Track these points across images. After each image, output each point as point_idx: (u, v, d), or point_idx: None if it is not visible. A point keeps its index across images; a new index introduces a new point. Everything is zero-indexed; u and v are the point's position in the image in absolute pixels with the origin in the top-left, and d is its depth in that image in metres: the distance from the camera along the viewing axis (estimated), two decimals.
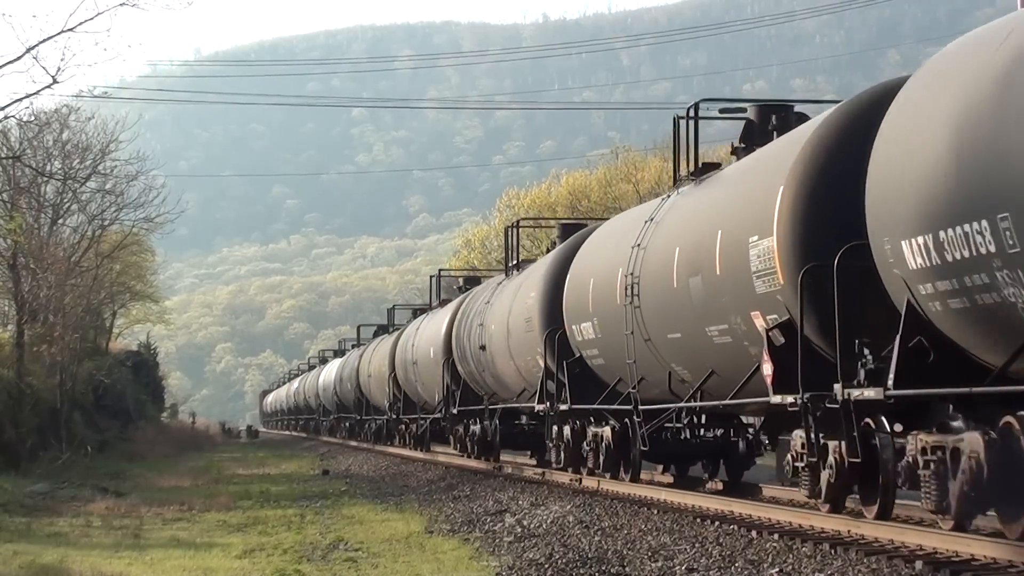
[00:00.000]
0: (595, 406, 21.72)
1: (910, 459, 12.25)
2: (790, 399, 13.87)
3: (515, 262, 29.94)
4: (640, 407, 19.49)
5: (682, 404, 18.16)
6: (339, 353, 69.76)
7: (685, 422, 19.39)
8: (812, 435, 13.75)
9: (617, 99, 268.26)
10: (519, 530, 16.47)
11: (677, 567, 12.18)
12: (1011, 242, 9.82)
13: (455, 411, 33.17)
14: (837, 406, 12.99)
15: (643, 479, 21.01)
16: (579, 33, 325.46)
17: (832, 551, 12.13)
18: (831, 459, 13.56)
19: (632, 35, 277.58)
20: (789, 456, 14.66)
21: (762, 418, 16.93)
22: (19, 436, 32.21)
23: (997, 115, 10.10)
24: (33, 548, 15.80)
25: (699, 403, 17.53)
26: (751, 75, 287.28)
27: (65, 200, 40.14)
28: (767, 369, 14.30)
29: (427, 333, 37.83)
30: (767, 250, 14.19)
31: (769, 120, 17.29)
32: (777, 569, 11.58)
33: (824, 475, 13.81)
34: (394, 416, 44.67)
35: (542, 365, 24.30)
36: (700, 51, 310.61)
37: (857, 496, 13.77)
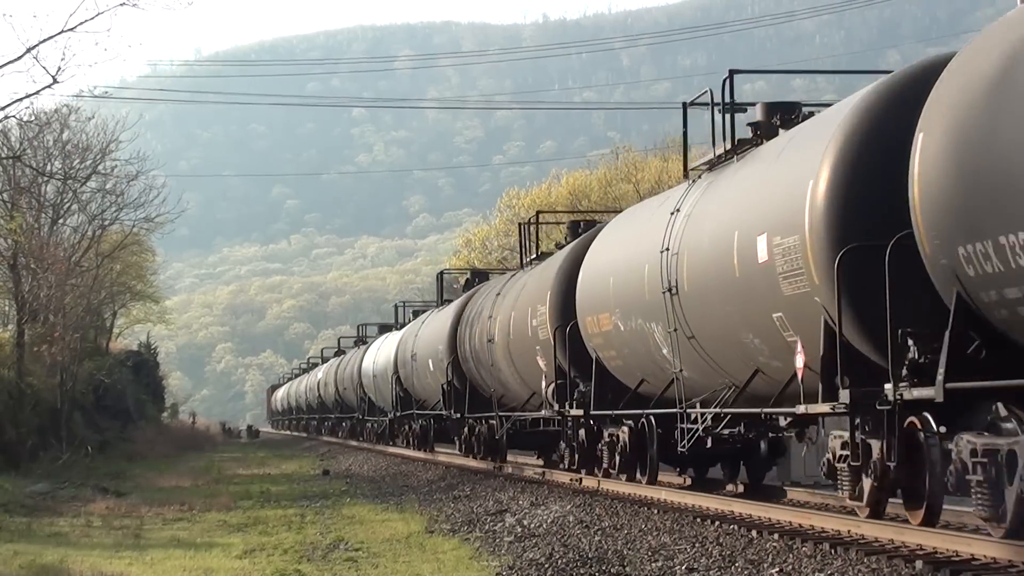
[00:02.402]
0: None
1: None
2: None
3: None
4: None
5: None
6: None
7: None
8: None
9: (617, 99, 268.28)
10: (519, 530, 16.48)
11: (677, 567, 12.19)
12: None
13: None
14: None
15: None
16: (579, 33, 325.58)
17: (832, 551, 12.13)
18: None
19: (632, 35, 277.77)
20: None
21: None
22: (19, 436, 32.23)
23: None
24: (33, 548, 15.81)
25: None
26: (751, 75, 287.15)
27: (65, 200, 40.16)
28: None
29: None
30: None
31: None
32: (777, 569, 11.58)
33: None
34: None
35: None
36: (700, 51, 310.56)
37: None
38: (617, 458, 20.73)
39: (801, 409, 13.78)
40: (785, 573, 11.42)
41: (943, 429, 11.74)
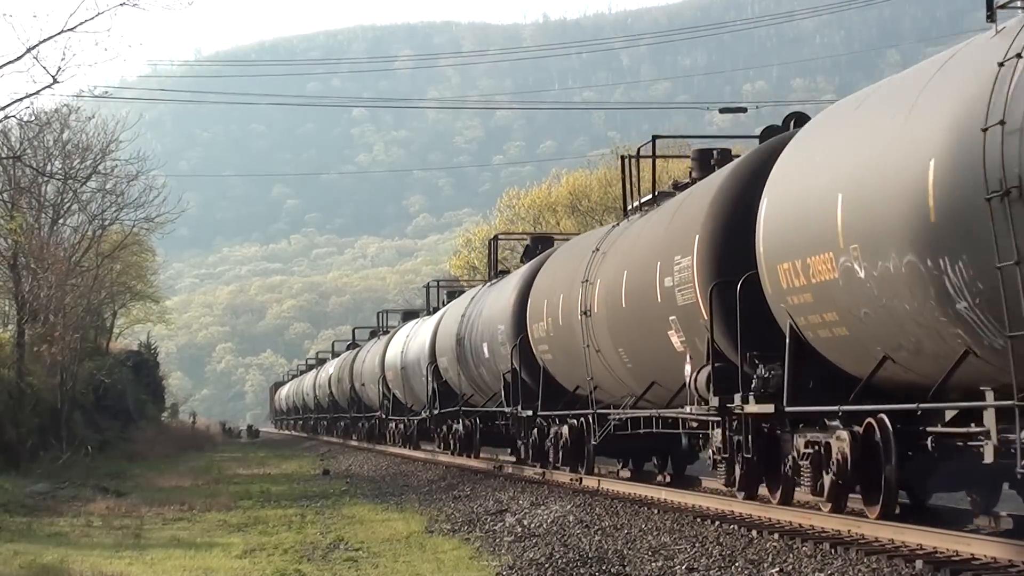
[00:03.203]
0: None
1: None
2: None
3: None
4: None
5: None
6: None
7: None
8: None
9: (617, 99, 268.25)
10: (519, 530, 16.48)
11: (677, 567, 12.19)
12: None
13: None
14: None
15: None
16: (579, 33, 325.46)
17: (832, 551, 12.14)
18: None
19: (632, 35, 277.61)
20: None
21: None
22: (20, 436, 32.23)
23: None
24: (33, 548, 15.81)
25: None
26: (751, 75, 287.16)
27: (65, 200, 40.15)
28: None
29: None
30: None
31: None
32: (777, 569, 11.59)
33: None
34: (384, 415, 46.00)
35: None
36: (700, 51, 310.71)
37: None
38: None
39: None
40: (785, 573, 11.42)
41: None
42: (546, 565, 12.97)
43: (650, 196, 21.13)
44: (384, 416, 45.66)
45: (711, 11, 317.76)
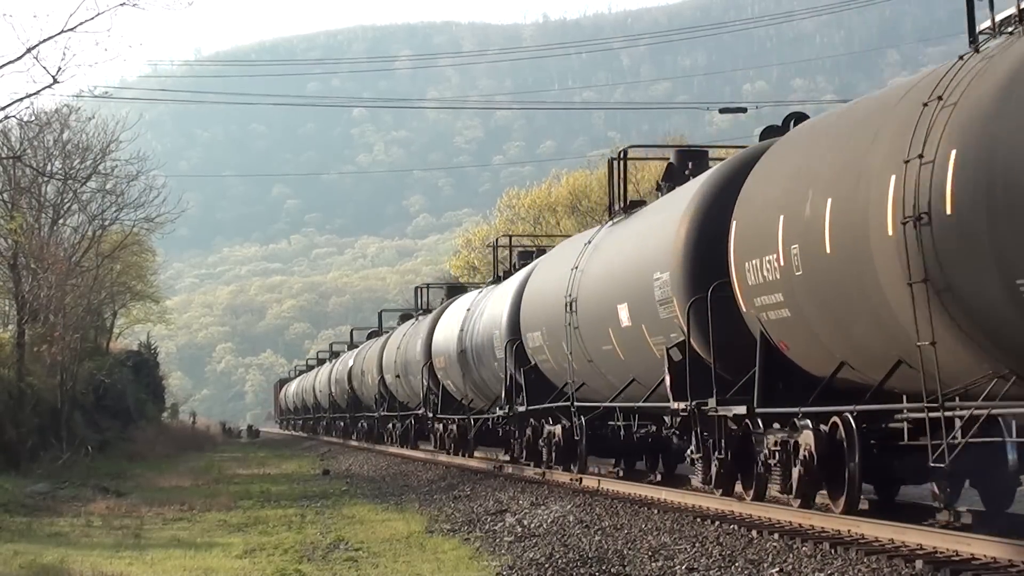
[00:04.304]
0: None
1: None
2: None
3: (499, 274, 32.78)
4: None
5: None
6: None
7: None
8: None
9: (617, 99, 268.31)
10: (519, 530, 16.48)
11: (677, 567, 12.19)
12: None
13: (431, 413, 35.46)
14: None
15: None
16: (579, 33, 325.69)
17: (832, 551, 12.14)
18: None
19: (632, 35, 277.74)
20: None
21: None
22: (20, 436, 32.22)
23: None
24: (33, 548, 15.82)
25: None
26: (751, 75, 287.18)
27: (65, 200, 40.15)
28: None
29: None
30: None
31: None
32: (777, 569, 11.59)
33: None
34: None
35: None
36: (700, 51, 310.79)
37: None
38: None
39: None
40: (785, 573, 11.43)
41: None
42: (546, 565, 12.97)
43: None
44: (432, 414, 36.84)
45: (711, 11, 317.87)
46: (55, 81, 25.14)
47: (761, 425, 15.26)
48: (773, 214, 14.01)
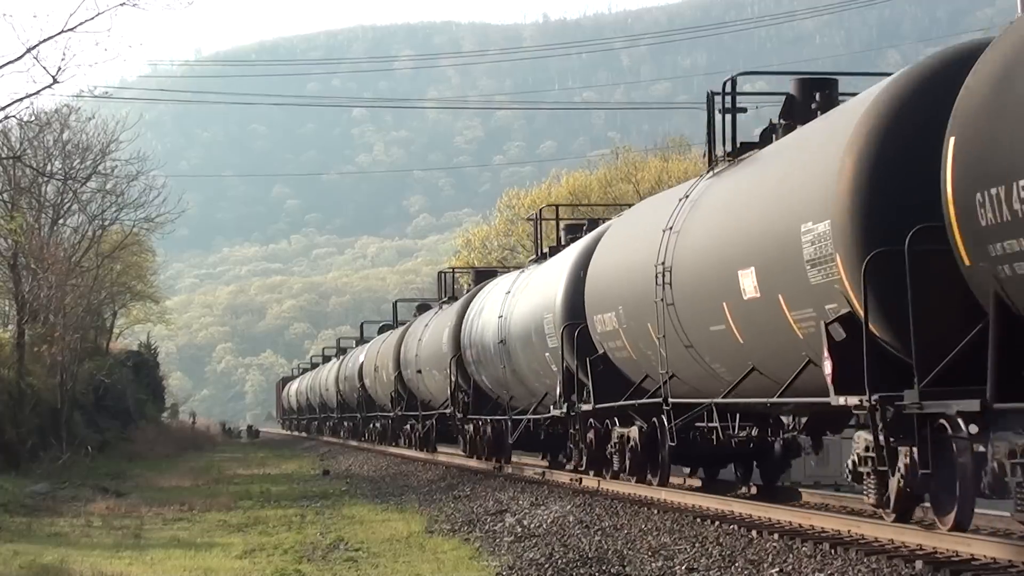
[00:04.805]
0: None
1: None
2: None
3: (544, 250, 27.50)
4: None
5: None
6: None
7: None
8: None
9: (617, 99, 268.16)
10: (519, 530, 16.47)
11: (677, 567, 12.18)
12: None
13: (461, 413, 30.97)
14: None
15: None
16: (579, 33, 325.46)
17: (832, 551, 12.13)
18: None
19: (632, 35, 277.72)
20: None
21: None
22: (19, 436, 32.22)
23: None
24: (33, 548, 15.81)
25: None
26: (752, 75, 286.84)
27: (65, 200, 40.18)
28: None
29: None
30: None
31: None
32: (777, 569, 11.58)
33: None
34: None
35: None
36: (700, 51, 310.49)
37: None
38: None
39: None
40: (785, 573, 11.42)
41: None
42: (546, 565, 12.97)
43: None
44: (462, 415, 32.29)
45: (711, 11, 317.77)
46: (55, 81, 25.17)
47: (964, 428, 11.06)
48: None
